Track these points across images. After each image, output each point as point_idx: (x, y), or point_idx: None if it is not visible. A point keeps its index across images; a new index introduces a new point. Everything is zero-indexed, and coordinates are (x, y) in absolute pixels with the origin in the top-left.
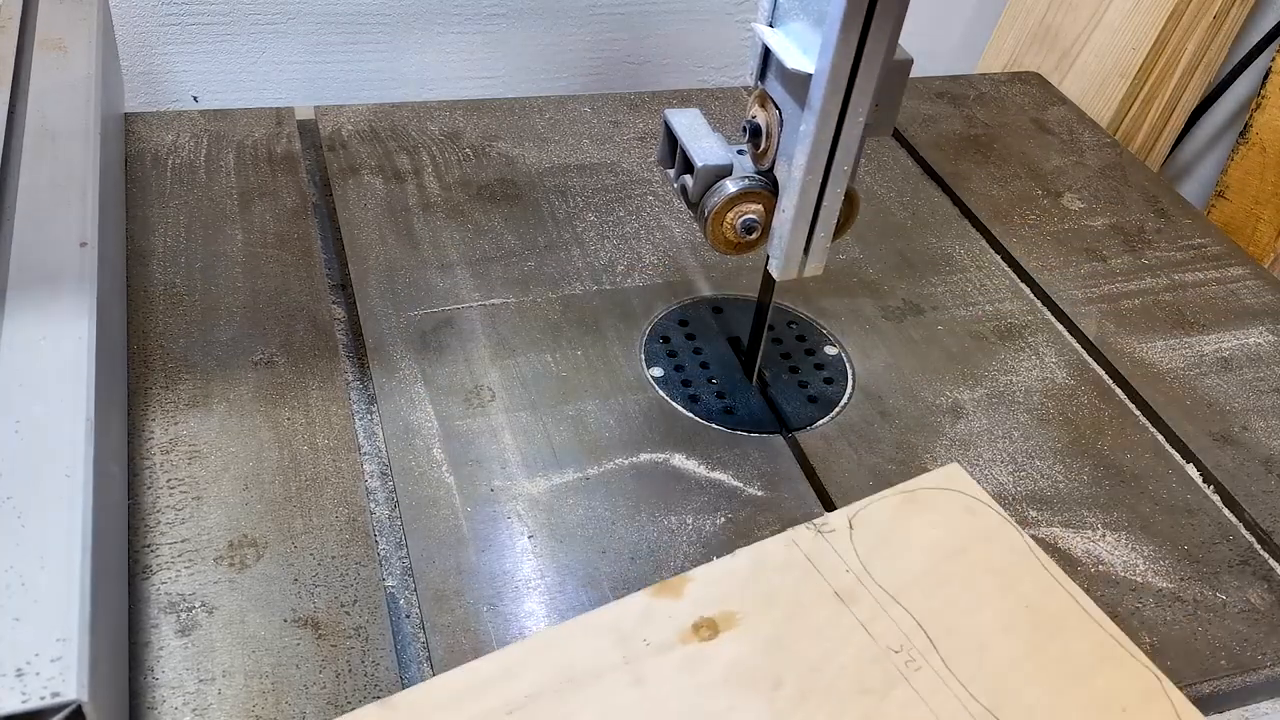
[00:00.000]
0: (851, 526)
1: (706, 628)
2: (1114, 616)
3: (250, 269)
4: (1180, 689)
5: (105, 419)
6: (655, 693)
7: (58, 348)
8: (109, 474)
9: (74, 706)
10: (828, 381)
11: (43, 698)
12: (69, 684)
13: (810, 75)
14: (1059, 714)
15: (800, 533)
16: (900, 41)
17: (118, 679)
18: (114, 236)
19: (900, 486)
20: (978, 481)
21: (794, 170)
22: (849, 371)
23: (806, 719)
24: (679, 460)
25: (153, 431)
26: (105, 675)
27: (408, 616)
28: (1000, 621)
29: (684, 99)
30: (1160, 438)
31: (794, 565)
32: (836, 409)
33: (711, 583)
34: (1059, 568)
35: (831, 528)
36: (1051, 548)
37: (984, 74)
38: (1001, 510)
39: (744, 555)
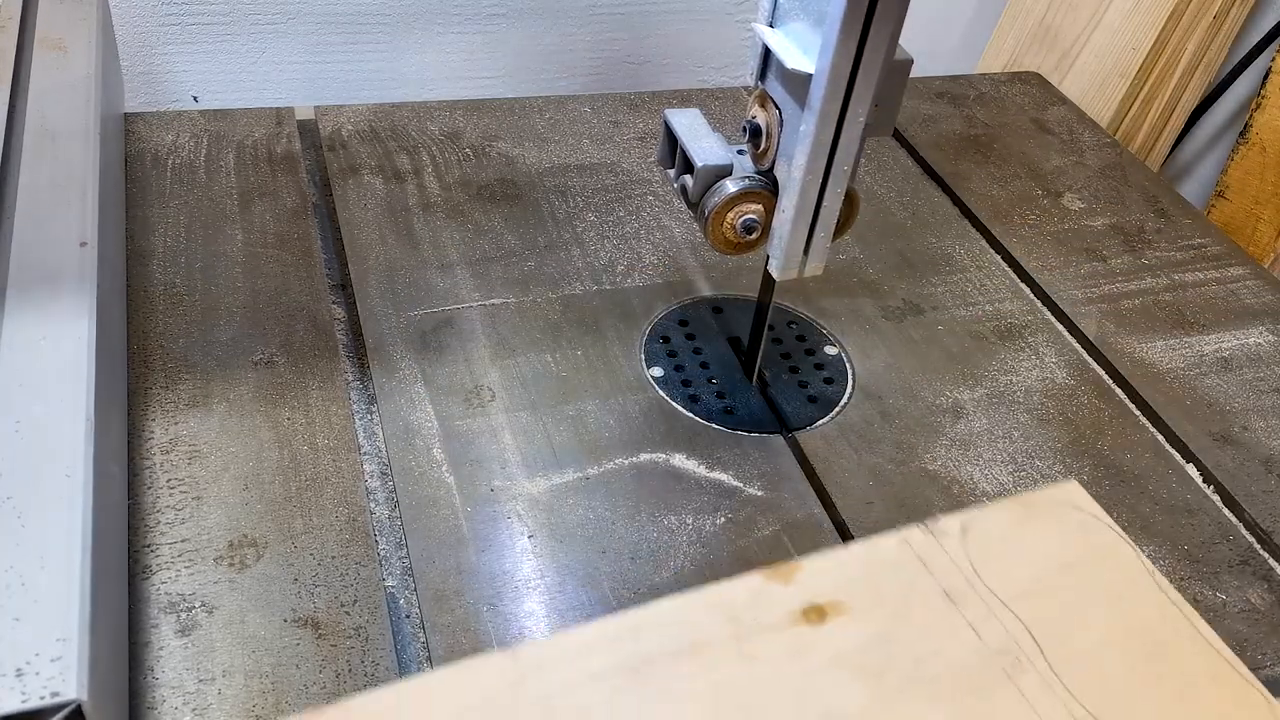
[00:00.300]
0: (964, 531)
1: (815, 613)
2: None
3: (250, 269)
4: None
5: (105, 419)
6: (762, 669)
7: (58, 348)
8: (109, 474)
9: (74, 706)
10: (828, 381)
11: (42, 697)
12: (69, 684)
13: (810, 75)
14: None
15: (912, 533)
16: (900, 41)
17: (118, 679)
18: (114, 236)
19: (1016, 498)
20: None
21: (794, 170)
22: (849, 371)
23: (909, 709)
24: (679, 460)
25: (153, 431)
26: (105, 675)
27: (408, 616)
28: (1112, 637)
29: (684, 99)
30: (1160, 438)
31: (905, 563)
32: (836, 409)
33: (822, 572)
34: (1175, 590)
35: (944, 530)
36: None
37: (984, 74)
38: (1120, 530)
39: (854, 549)
